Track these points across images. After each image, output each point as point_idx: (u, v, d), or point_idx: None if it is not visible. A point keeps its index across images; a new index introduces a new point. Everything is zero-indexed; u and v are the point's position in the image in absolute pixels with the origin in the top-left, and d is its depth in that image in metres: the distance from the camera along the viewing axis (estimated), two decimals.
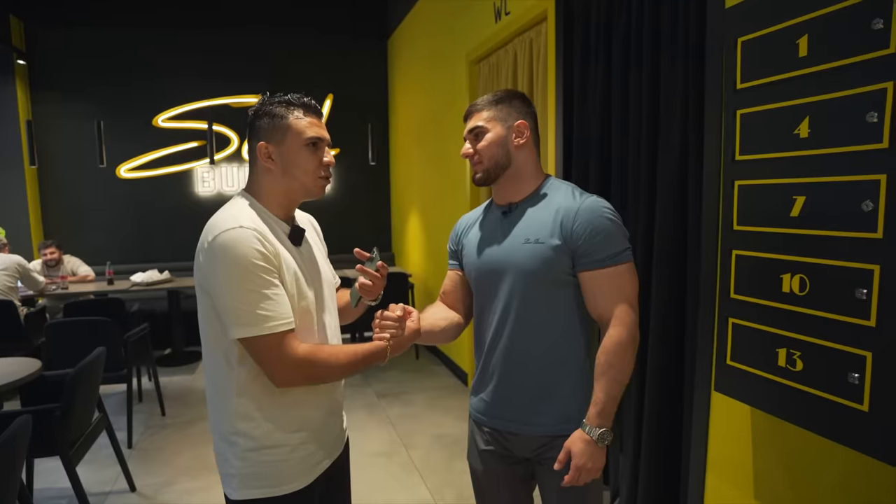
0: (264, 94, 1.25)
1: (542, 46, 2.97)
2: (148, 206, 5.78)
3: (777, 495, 1.58)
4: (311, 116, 1.22)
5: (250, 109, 1.24)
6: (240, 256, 1.09)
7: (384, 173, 6.47)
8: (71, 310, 3.93)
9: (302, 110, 1.22)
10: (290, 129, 1.19)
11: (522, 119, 1.37)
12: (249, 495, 1.19)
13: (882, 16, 1.10)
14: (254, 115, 1.22)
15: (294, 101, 1.22)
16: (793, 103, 1.30)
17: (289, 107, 1.21)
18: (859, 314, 1.16)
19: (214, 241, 1.10)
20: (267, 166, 1.20)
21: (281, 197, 1.23)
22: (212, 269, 1.11)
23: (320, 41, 6.04)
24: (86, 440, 2.51)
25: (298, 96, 1.23)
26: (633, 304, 1.29)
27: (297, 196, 1.25)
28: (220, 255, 1.10)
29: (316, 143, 1.22)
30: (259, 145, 1.19)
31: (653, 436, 2.10)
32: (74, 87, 5.55)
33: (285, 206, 1.25)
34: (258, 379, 1.16)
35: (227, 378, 1.17)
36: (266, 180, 1.22)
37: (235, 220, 1.12)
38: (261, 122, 1.21)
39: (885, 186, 1.11)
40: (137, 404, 3.94)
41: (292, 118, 1.20)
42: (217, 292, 1.11)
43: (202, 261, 1.13)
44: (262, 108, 1.22)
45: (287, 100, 1.22)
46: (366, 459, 3.09)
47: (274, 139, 1.19)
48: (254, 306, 1.09)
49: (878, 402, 1.13)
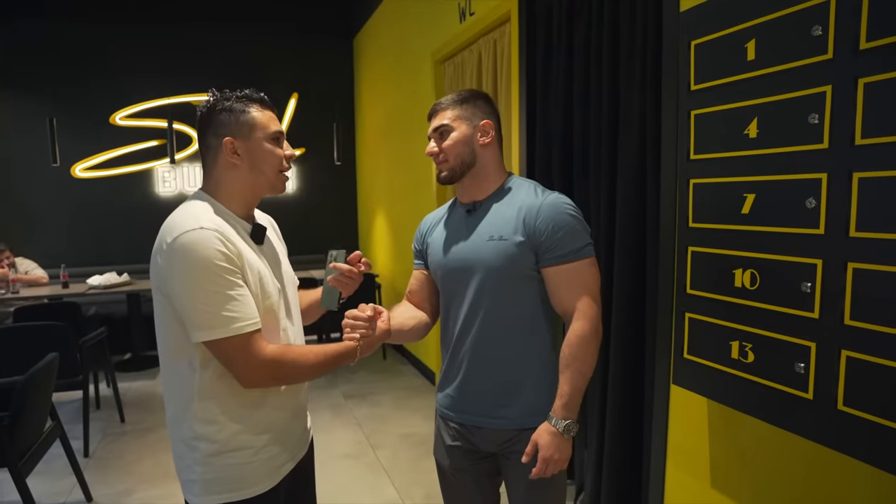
0: (212, 91, 1.23)
1: (506, 47, 3.00)
2: (105, 206, 5.59)
3: (733, 483, 1.63)
4: (268, 110, 1.23)
5: (201, 106, 1.22)
6: (201, 258, 1.07)
7: (350, 173, 6.42)
8: (22, 315, 3.77)
9: (259, 105, 1.22)
10: (256, 124, 1.19)
11: (487, 118, 1.39)
12: (213, 501, 1.17)
13: (820, 23, 1.16)
14: (209, 111, 1.20)
15: (251, 96, 1.22)
16: (742, 105, 1.35)
17: (248, 102, 1.21)
18: (804, 306, 1.22)
19: (174, 243, 1.08)
20: (233, 161, 1.19)
21: (244, 194, 1.22)
22: (172, 272, 1.08)
23: (285, 39, 5.95)
24: (37, 450, 2.41)
25: (252, 91, 1.23)
26: (596, 297, 1.32)
27: (261, 191, 1.24)
28: (180, 256, 1.07)
29: (278, 137, 1.23)
30: (225, 141, 1.18)
31: (616, 429, 2.15)
32: (24, 83, 5.31)
33: (247, 203, 1.24)
34: (222, 380, 1.14)
35: (188, 382, 1.15)
36: (230, 177, 1.20)
37: (195, 221, 1.10)
38: (221, 118, 1.19)
39: (825, 184, 1.16)
40: (95, 411, 3.81)
41: (255, 113, 1.20)
42: (178, 295, 1.09)
43: (161, 263, 1.10)
44: (220, 103, 1.20)
45: (245, 95, 1.21)
46: (333, 461, 3.07)
47: (240, 134, 1.18)
48: (218, 308, 1.07)
49: (821, 390, 1.19)
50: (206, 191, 1.22)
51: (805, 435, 1.25)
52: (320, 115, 5.96)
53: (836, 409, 1.16)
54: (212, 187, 1.22)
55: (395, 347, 5.24)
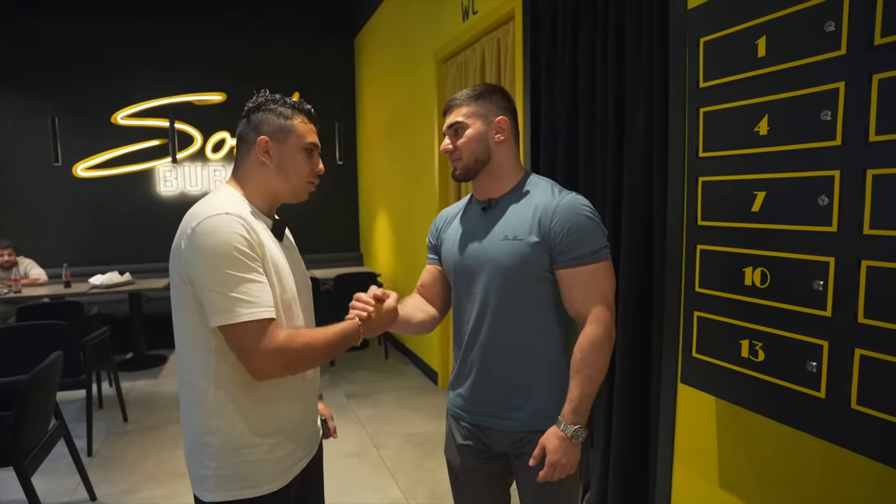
0: (264, 91, 1.27)
1: (509, 46, 2.99)
2: (107, 206, 5.59)
3: (742, 483, 1.63)
4: (311, 124, 1.28)
5: (250, 101, 1.25)
6: (223, 241, 1.08)
7: (352, 172, 6.42)
8: (24, 314, 3.76)
9: (305, 116, 1.27)
10: (294, 131, 1.23)
11: (503, 115, 1.38)
12: (226, 497, 1.16)
13: (834, 19, 1.15)
14: (254, 108, 1.24)
15: (298, 106, 1.26)
16: (752, 102, 1.34)
17: (294, 110, 1.25)
18: (816, 305, 1.21)
19: (199, 227, 1.09)
20: (262, 160, 1.22)
21: (268, 193, 1.25)
22: (195, 255, 1.09)
23: (287, 38, 5.95)
24: (42, 449, 2.40)
25: (301, 102, 1.28)
26: (610, 301, 1.30)
27: (283, 196, 1.27)
28: (202, 240, 1.08)
29: (312, 150, 1.27)
30: (260, 139, 1.21)
31: (622, 429, 2.14)
32: (26, 83, 5.31)
33: (269, 202, 1.26)
34: (237, 374, 1.14)
35: (204, 376, 1.15)
36: (257, 173, 1.23)
37: (220, 207, 1.12)
38: (264, 117, 1.22)
39: (839, 182, 1.15)
40: (98, 411, 3.80)
41: (297, 121, 1.24)
42: (199, 279, 1.09)
43: (184, 247, 1.11)
44: (266, 103, 1.24)
45: (293, 104, 1.27)
46: (336, 460, 3.06)
47: (276, 136, 1.22)
48: (236, 292, 1.07)
49: (834, 389, 1.18)
50: (235, 182, 1.25)
51: (817, 434, 1.24)
52: (322, 113, 5.83)
53: (849, 407, 1.15)
54: (240, 180, 1.25)
55: (397, 347, 5.23)
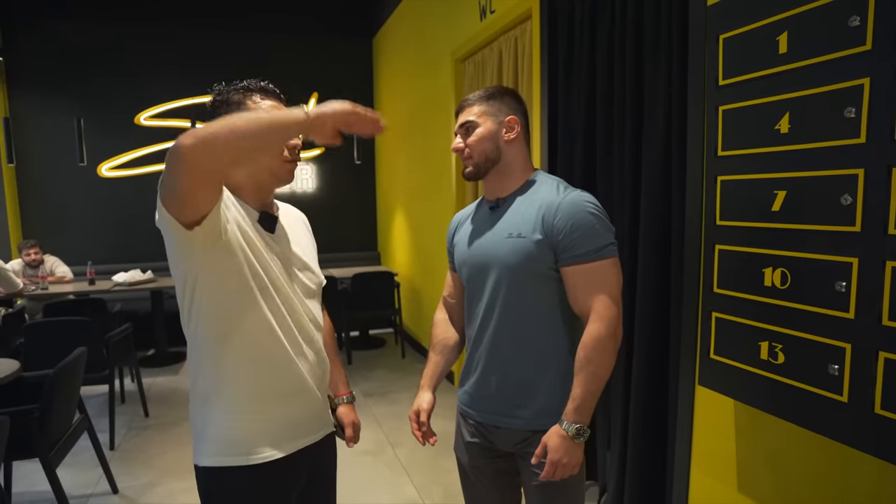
0: (219, 84, 1.21)
1: (527, 45, 2.97)
2: (130, 205, 5.69)
3: (760, 487, 1.60)
4: (270, 99, 1.18)
5: (207, 102, 1.20)
6: None
7: (370, 172, 6.45)
8: (51, 310, 3.85)
9: (259, 94, 1.18)
10: None
11: (513, 115, 1.38)
12: (220, 462, 1.15)
13: (859, 13, 1.12)
14: (212, 107, 1.19)
15: (251, 86, 1.18)
16: (773, 99, 1.32)
17: (246, 92, 1.17)
18: (838, 306, 1.18)
19: None
20: None
21: (250, 185, 1.19)
22: None
23: (305, 38, 6.00)
24: (66, 442, 2.46)
25: (255, 80, 1.20)
26: (616, 299, 1.28)
27: (265, 182, 1.21)
28: None
29: None
30: None
31: (639, 431, 2.11)
32: (53, 84, 5.44)
33: (257, 194, 1.21)
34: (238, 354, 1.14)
35: (201, 344, 1.15)
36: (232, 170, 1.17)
37: None
38: (220, 112, 1.16)
39: (862, 180, 1.13)
40: (120, 405, 3.88)
41: (251, 103, 1.16)
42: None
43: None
44: (219, 97, 1.18)
45: (244, 86, 1.18)
46: (352, 458, 3.07)
47: None
48: None
49: (857, 393, 1.15)
50: None
51: (839, 439, 1.21)
52: None
53: (872, 412, 1.12)
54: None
55: (413, 346, 5.25)
